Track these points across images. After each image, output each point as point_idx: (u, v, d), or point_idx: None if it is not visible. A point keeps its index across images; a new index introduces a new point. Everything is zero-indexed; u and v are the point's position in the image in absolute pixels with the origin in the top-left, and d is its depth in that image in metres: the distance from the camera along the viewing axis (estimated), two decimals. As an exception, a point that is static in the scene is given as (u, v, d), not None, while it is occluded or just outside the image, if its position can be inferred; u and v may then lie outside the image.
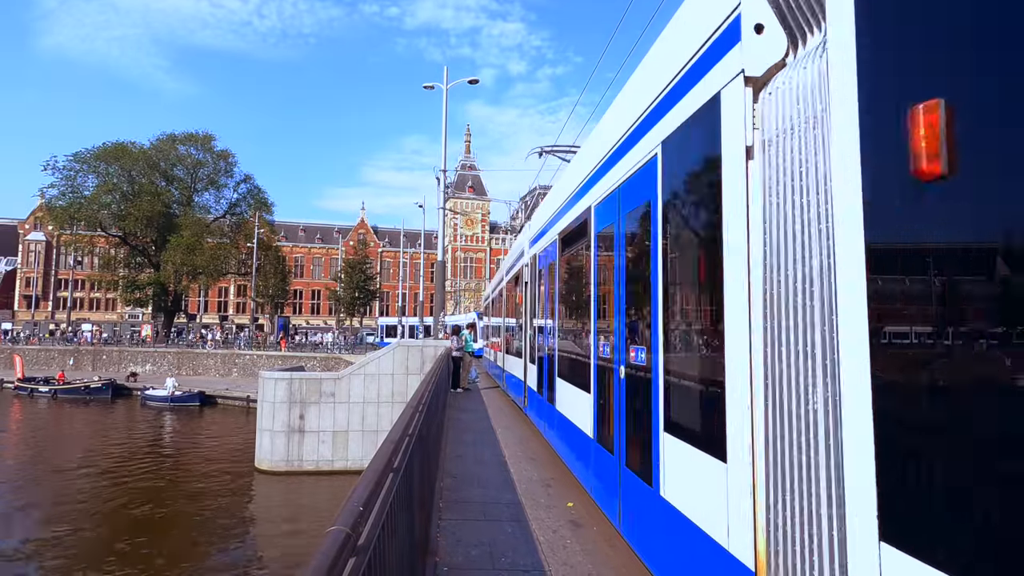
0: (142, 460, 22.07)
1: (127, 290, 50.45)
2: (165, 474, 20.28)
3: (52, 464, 21.00)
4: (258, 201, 53.99)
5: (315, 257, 79.50)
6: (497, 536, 4.87)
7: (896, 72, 1.84)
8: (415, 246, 68.78)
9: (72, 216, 47.16)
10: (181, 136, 52.11)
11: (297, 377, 18.45)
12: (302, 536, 13.45)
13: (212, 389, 36.46)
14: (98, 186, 48.12)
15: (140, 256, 52.44)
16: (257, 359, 41.57)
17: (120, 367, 44.64)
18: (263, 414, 18.27)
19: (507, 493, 6.15)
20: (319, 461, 17.89)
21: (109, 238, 51.61)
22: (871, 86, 1.90)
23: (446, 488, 6.29)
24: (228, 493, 17.83)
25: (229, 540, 14.24)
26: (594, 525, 5.11)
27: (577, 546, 4.62)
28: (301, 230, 79.93)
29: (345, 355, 40.67)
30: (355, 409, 18.15)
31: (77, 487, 18.16)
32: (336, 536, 1.46)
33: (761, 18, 2.64)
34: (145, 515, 15.79)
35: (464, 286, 72.78)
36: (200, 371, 43.42)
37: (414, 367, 18.00)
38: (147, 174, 49.46)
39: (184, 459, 22.43)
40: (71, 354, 46.87)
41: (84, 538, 14.02)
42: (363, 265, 64.10)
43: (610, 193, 4.71)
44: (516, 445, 8.77)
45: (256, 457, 18.48)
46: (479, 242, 75.28)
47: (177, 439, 26.39)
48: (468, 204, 74.45)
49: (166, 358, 44.79)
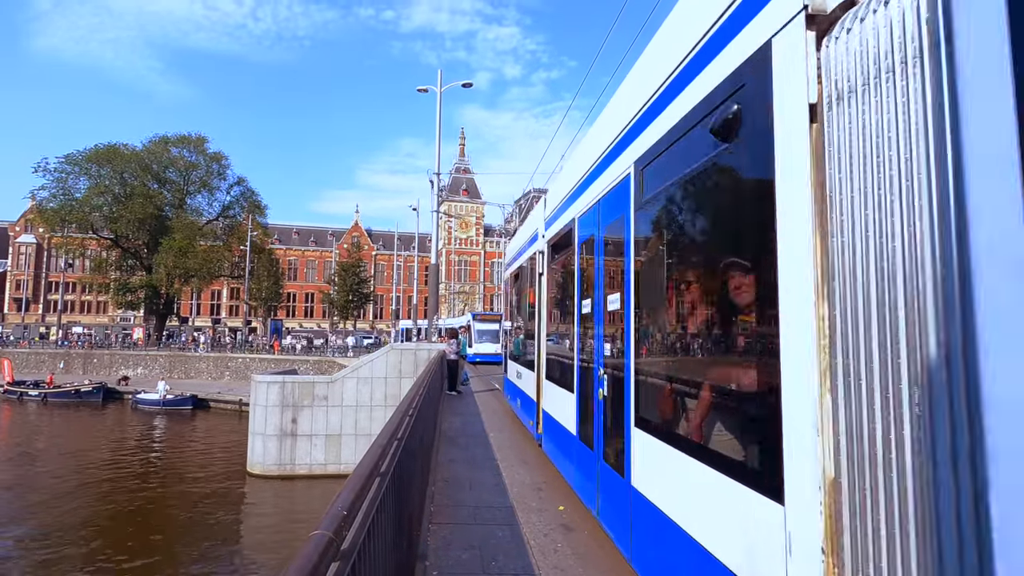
0: (132, 464, 21.91)
1: (118, 293, 50.09)
2: (155, 478, 20.13)
3: (40, 468, 20.81)
4: (251, 204, 53.79)
5: (309, 260, 79.23)
6: (488, 540, 4.86)
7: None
8: (409, 249, 68.70)
9: (63, 218, 46.82)
10: (174, 138, 51.87)
11: (290, 380, 18.38)
12: (294, 540, 13.38)
13: (204, 392, 36.24)
14: (90, 188, 47.79)
15: (132, 259, 52.12)
16: (250, 362, 41.36)
17: (111, 370, 44.33)
18: (255, 418, 18.18)
19: (499, 497, 6.14)
20: (312, 465, 17.81)
21: (101, 240, 51.29)
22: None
23: (437, 492, 6.27)
24: (219, 497, 17.72)
25: (220, 545, 14.15)
26: (585, 529, 5.11)
27: (568, 550, 4.62)
28: (295, 233, 79.67)
29: (339, 358, 40.55)
30: (348, 412, 18.09)
31: (65, 491, 17.99)
32: (318, 540, 1.46)
33: None
34: (134, 519, 15.67)
35: (458, 289, 72.70)
36: (192, 374, 43.16)
37: (407, 370, 17.96)
38: (139, 176, 49.17)
39: (175, 463, 22.27)
40: (61, 357, 46.51)
41: (71, 543, 13.88)
42: (357, 268, 63.96)
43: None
44: (508, 448, 8.76)
45: (248, 461, 18.38)
46: (473, 245, 75.26)
47: (168, 443, 26.19)
48: (462, 207, 74.44)
49: (158, 361, 44.50)
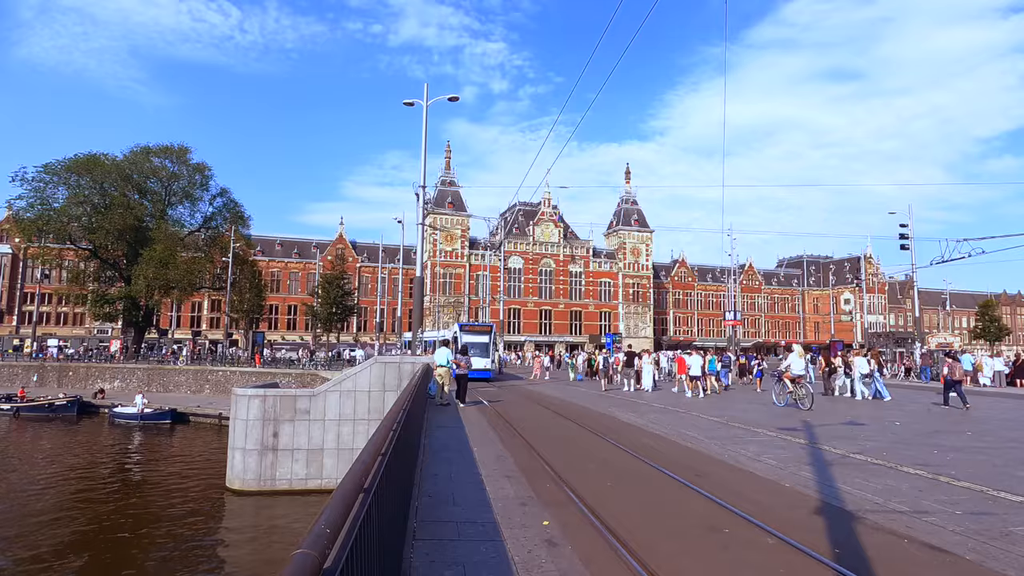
0: (106, 480, 21.38)
1: (96, 304, 49.14)
2: (131, 495, 19.66)
3: (8, 484, 20.22)
4: (234, 215, 53.27)
5: (292, 272, 78.51)
6: (472, 556, 4.82)
7: None
8: (394, 261, 68.43)
9: (40, 228, 45.97)
10: (156, 148, 51.28)
11: (271, 394, 18.15)
12: (275, 559, 13.13)
13: (184, 406, 35.60)
14: (68, 198, 47.01)
15: (111, 270, 51.25)
16: (231, 375, 40.74)
17: (87, 384, 43.38)
18: (235, 432, 17.90)
19: (483, 512, 6.11)
20: (293, 480, 17.55)
21: (79, 251, 50.37)
22: None
23: (421, 507, 6.22)
24: (198, 514, 17.34)
25: (197, 563, 13.82)
26: (569, 544, 5.09)
27: (551, 565, 4.60)
28: (278, 244, 79.01)
29: (321, 371, 40.11)
30: (331, 427, 17.88)
31: (35, 508, 17.49)
32: (302, 560, 1.45)
33: None
34: (108, 537, 15.25)
35: (443, 302, 72.44)
36: (171, 388, 42.40)
37: (391, 384, 17.84)
38: (120, 186, 48.46)
39: (152, 478, 21.78)
40: (35, 370, 45.44)
41: (40, 563, 13.47)
42: (341, 280, 63.45)
43: None
44: (493, 463, 8.72)
45: (227, 476, 18.06)
46: (458, 258, 75.19)
47: (145, 458, 25.63)
48: (448, 220, 74.40)
49: (135, 374, 43.66)
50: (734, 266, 54.44)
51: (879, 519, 5.76)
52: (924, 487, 7.10)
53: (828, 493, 6.81)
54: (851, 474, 7.80)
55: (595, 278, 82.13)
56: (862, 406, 17.46)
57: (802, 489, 7.06)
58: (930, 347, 43.75)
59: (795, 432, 11.73)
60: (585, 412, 15.96)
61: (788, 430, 11.98)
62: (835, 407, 16.99)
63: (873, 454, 9.24)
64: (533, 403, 19.09)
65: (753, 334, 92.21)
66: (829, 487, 7.09)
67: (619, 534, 5.27)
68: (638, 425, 13.18)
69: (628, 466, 8.71)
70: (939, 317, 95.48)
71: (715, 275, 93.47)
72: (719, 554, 4.91)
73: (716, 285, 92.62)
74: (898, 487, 7.08)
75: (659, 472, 8.13)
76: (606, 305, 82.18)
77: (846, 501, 6.45)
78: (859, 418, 14.29)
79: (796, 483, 7.37)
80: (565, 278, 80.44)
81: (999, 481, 7.34)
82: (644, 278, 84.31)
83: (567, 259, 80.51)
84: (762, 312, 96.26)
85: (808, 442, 10.51)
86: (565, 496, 6.83)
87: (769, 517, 5.75)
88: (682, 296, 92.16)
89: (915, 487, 7.10)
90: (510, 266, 75.92)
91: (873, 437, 11.19)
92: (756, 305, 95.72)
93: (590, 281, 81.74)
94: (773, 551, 4.92)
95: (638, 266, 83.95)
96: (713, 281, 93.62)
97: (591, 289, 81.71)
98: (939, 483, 7.30)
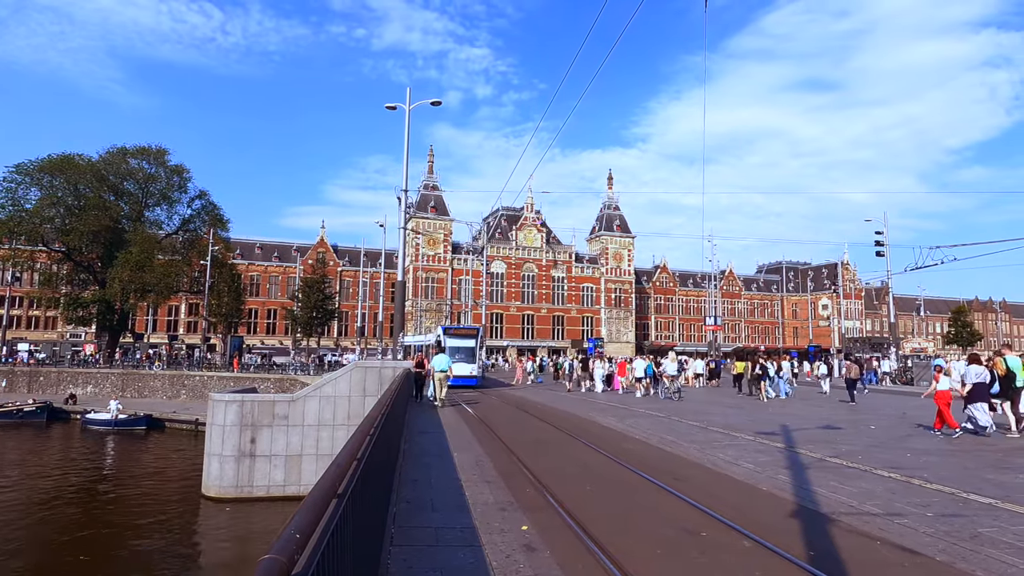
0: (76, 488, 20.86)
1: (69, 308, 48.00)
2: (103, 503, 19.20)
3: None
4: (213, 217, 52.42)
5: (272, 275, 77.52)
6: (450, 562, 4.79)
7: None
8: (376, 265, 67.99)
9: (11, 230, 44.75)
10: (133, 149, 50.27)
11: (249, 399, 17.88)
12: (250, 567, 12.89)
13: (159, 412, 34.92)
14: (41, 199, 45.88)
15: (84, 272, 50.07)
16: (208, 380, 40.06)
17: (59, 389, 42.34)
18: (212, 438, 17.59)
19: (462, 517, 6.07)
20: (270, 486, 17.29)
21: (51, 253, 49.18)
22: None
23: (399, 513, 6.16)
24: (171, 522, 17.00)
25: (168, 573, 13.53)
26: (547, 549, 5.08)
27: (529, 570, 4.59)
28: (258, 248, 77.98)
29: (301, 376, 39.66)
30: (309, 432, 17.66)
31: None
32: (268, 566, 1.42)
33: None
34: (78, 547, 14.86)
35: (425, 306, 72.13)
36: (146, 393, 41.55)
37: (372, 388, 17.68)
38: (95, 188, 47.42)
39: (124, 486, 21.30)
40: (4, 375, 44.24)
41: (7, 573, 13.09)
42: (321, 284, 62.88)
43: None
44: (472, 468, 8.69)
45: (203, 483, 17.73)
46: (441, 262, 74.93)
47: (119, 465, 25.07)
48: (430, 224, 74.17)
49: (109, 379, 42.72)
50: (715, 272, 55.08)
51: (853, 521, 5.84)
52: (897, 489, 7.23)
53: (804, 496, 6.90)
54: (827, 477, 7.91)
55: (578, 283, 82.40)
56: (774, 404, 19.99)
57: (779, 492, 7.15)
58: (903, 351, 44.61)
59: (774, 436, 11.88)
60: (566, 416, 16.00)
61: (767, 434, 12.14)
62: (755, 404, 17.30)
63: (848, 457, 9.39)
64: (513, 407, 19.06)
65: (733, 339, 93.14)
66: (805, 490, 7.18)
67: (597, 538, 5.28)
68: (618, 429, 13.25)
69: (607, 471, 8.73)
70: (914, 322, 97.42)
71: (696, 280, 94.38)
72: (696, 557, 4.94)
73: (697, 290, 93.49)
74: (872, 490, 7.20)
75: (638, 476, 8.16)
76: (588, 310, 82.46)
77: (821, 504, 6.54)
78: (747, 412, 14.52)
79: (773, 487, 7.46)
80: (548, 283, 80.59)
81: (969, 483, 7.50)
82: (626, 283, 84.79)
83: (550, 264, 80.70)
84: (742, 317, 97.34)
85: (786, 446, 10.64)
86: (544, 501, 6.82)
87: (746, 520, 5.80)
88: (664, 301, 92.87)
89: (889, 489, 7.22)
90: (493, 270, 75.83)
91: (849, 440, 11.38)
92: (736, 310, 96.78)
93: (572, 286, 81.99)
94: (749, 554, 4.96)
95: (620, 271, 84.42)
96: (694, 286, 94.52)
97: (574, 294, 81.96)
98: (911, 486, 7.44)
